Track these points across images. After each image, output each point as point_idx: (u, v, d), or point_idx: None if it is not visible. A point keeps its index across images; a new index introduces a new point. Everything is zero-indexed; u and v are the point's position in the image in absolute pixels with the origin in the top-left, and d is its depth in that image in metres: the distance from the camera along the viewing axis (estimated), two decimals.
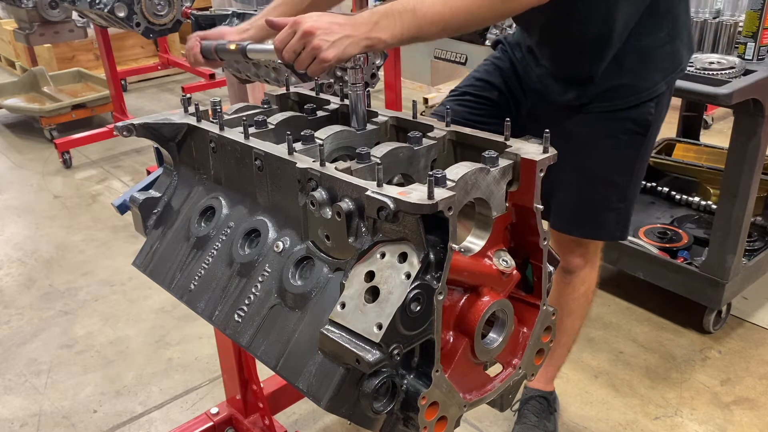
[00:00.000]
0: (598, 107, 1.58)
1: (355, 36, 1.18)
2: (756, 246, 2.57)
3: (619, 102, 1.57)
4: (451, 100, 1.72)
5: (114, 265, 3.11)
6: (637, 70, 1.54)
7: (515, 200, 1.08)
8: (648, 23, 1.52)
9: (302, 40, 1.18)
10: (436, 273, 0.93)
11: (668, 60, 1.58)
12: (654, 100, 1.57)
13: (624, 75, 1.55)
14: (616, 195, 1.66)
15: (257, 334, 1.13)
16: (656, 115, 1.60)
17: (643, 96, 1.56)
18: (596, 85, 1.56)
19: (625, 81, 1.55)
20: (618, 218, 1.69)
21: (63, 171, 4.21)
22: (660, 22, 1.54)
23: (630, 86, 1.55)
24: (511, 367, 1.16)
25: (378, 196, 0.92)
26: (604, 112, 1.58)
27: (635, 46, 1.53)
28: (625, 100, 1.56)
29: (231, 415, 1.95)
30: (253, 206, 1.23)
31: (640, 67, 1.54)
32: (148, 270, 1.38)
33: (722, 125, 4.43)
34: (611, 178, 1.64)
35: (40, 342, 2.60)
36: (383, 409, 0.98)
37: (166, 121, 1.33)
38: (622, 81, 1.55)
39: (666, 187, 3.08)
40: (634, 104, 1.56)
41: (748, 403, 2.19)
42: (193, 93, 5.23)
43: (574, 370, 2.34)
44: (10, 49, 5.89)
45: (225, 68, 2.77)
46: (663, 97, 1.60)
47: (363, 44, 1.20)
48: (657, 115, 1.60)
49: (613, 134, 1.59)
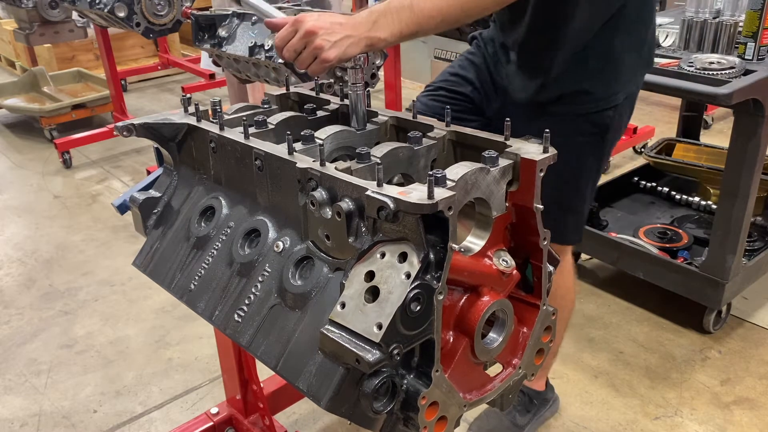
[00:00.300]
0: (559, 110, 1.56)
1: (356, 36, 1.19)
2: (756, 246, 2.57)
3: (578, 107, 1.55)
4: (426, 95, 1.71)
5: (114, 265, 3.11)
6: (599, 77, 1.53)
7: (515, 200, 1.08)
8: (615, 32, 1.50)
9: (304, 40, 1.19)
10: (436, 273, 0.93)
11: (630, 72, 1.57)
12: (612, 109, 1.56)
13: (585, 80, 1.53)
14: (577, 198, 1.65)
15: (257, 334, 1.13)
16: (615, 122, 1.58)
17: (602, 104, 1.55)
18: (558, 86, 1.54)
19: (586, 86, 1.53)
20: (576, 222, 1.69)
21: (63, 171, 4.21)
22: (630, 32, 1.52)
23: (590, 93, 1.54)
24: (511, 367, 1.16)
25: (378, 195, 0.92)
26: (563, 115, 1.56)
27: (601, 52, 1.51)
28: (584, 106, 1.55)
29: (231, 415, 1.95)
30: (253, 206, 1.23)
31: (602, 74, 1.53)
32: (148, 270, 1.38)
33: (722, 125, 4.43)
34: (571, 180, 1.62)
35: (40, 342, 2.60)
36: (383, 409, 0.98)
37: (166, 121, 1.33)
38: (583, 86, 1.53)
39: (666, 187, 3.08)
40: (593, 111, 1.55)
41: (748, 403, 2.19)
42: (193, 93, 5.23)
43: (574, 370, 2.34)
44: (10, 49, 5.89)
45: (225, 68, 2.77)
46: (622, 107, 1.59)
47: (363, 44, 1.21)
48: (616, 122, 1.59)
49: (571, 135, 1.56)
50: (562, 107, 1.56)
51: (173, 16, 3.20)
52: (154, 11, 3.15)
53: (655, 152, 3.20)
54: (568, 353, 2.41)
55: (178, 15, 3.22)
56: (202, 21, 2.61)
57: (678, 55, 2.39)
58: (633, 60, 1.56)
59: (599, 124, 1.57)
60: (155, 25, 3.19)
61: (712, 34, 2.37)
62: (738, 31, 2.32)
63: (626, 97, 1.59)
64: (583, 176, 1.63)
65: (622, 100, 1.57)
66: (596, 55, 1.51)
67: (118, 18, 3.12)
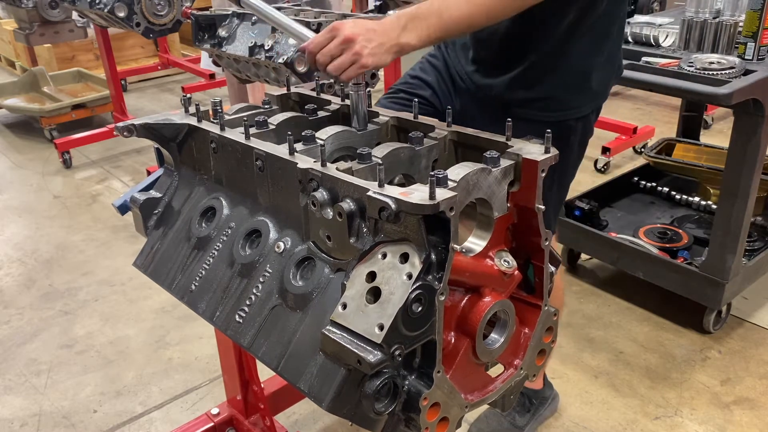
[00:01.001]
0: (526, 114, 1.54)
1: (387, 42, 1.22)
2: (756, 246, 2.57)
3: (546, 114, 1.54)
4: (386, 98, 1.71)
5: (114, 265, 3.11)
6: (571, 86, 1.52)
7: (517, 200, 1.08)
8: (590, 42, 1.50)
9: (342, 46, 1.21)
10: (438, 273, 0.93)
11: (601, 85, 1.57)
12: (580, 120, 1.56)
13: (558, 88, 1.52)
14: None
15: (258, 335, 1.13)
16: (579, 130, 1.58)
17: (570, 114, 1.54)
18: (529, 90, 1.53)
19: (557, 93, 1.52)
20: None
21: (63, 171, 4.21)
22: (600, 45, 1.52)
23: (560, 100, 1.53)
24: (513, 368, 1.16)
25: (379, 196, 0.92)
26: (530, 120, 1.52)
27: (576, 63, 1.50)
28: (552, 113, 1.54)
29: (232, 416, 1.95)
30: (254, 207, 1.23)
31: (574, 83, 1.52)
32: (149, 270, 1.38)
33: (722, 125, 4.43)
34: None
35: (40, 342, 2.60)
36: (385, 410, 0.98)
37: (166, 122, 1.33)
38: (555, 93, 1.52)
39: (666, 187, 3.08)
40: (561, 119, 1.54)
41: (748, 403, 2.19)
42: (193, 93, 5.23)
43: (574, 370, 2.34)
44: (10, 49, 5.89)
45: (225, 68, 2.76)
46: (586, 120, 1.58)
47: (394, 50, 1.24)
48: (581, 130, 1.58)
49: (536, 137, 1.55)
50: (530, 111, 1.54)
51: (173, 16, 3.20)
52: (154, 11, 3.15)
53: (655, 152, 3.20)
54: (568, 353, 2.41)
55: (178, 15, 3.22)
56: (202, 21, 2.60)
57: (678, 55, 2.39)
58: (606, 72, 1.57)
59: (564, 133, 1.55)
60: (155, 25, 3.19)
61: (712, 34, 2.36)
62: (738, 31, 2.32)
63: (593, 111, 1.59)
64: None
65: (588, 113, 1.57)
66: (570, 65, 1.50)
67: (118, 18, 3.11)
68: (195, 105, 1.35)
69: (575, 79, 1.52)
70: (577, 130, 1.57)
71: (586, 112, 1.57)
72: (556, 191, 1.63)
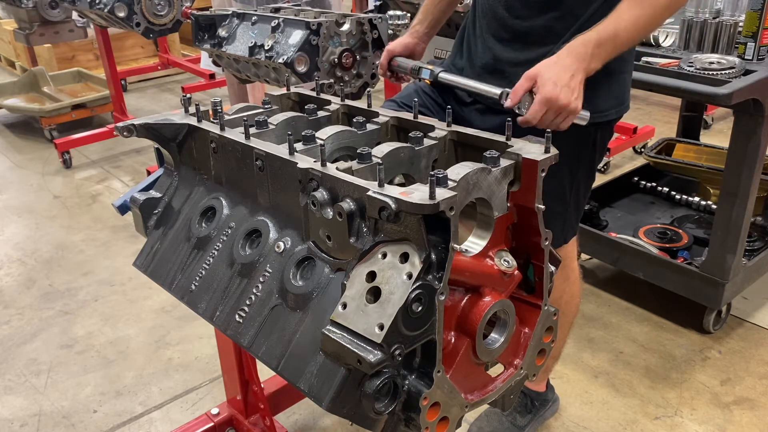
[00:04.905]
0: None
1: (579, 73, 1.33)
2: (756, 246, 2.57)
3: None
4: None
5: (114, 265, 3.11)
6: (598, 89, 1.52)
7: (517, 200, 1.08)
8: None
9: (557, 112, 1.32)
10: (438, 273, 0.93)
11: (624, 91, 1.61)
12: (602, 125, 1.58)
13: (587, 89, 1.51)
14: (556, 200, 1.61)
15: (258, 335, 1.13)
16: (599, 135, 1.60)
17: (594, 117, 1.53)
18: None
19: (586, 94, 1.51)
20: (563, 225, 1.67)
21: (63, 171, 4.21)
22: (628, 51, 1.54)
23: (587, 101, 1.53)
24: (513, 368, 1.16)
25: (379, 196, 0.92)
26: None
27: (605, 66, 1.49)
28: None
29: (232, 416, 1.95)
30: (253, 207, 1.23)
31: (602, 86, 1.53)
32: (149, 270, 1.38)
33: (722, 125, 4.43)
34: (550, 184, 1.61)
35: (40, 342, 2.60)
36: (385, 410, 0.98)
37: (166, 122, 1.33)
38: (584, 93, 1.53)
39: (666, 187, 3.08)
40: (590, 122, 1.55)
41: (748, 403, 2.19)
42: (193, 93, 5.23)
43: (574, 370, 2.34)
44: (10, 49, 5.89)
45: (225, 68, 2.76)
46: (608, 126, 1.62)
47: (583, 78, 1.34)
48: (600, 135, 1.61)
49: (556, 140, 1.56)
50: None
51: (173, 16, 3.21)
52: (154, 11, 3.15)
53: (655, 152, 3.20)
54: (568, 353, 2.41)
55: (178, 15, 3.22)
56: (202, 21, 2.61)
57: (678, 55, 2.39)
58: (624, 81, 1.60)
59: (584, 137, 1.57)
60: (155, 25, 3.19)
61: (712, 34, 2.37)
62: (738, 31, 2.32)
63: (611, 120, 1.60)
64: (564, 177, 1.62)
65: (608, 120, 1.59)
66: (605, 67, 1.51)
67: (118, 18, 3.12)
68: (195, 105, 1.35)
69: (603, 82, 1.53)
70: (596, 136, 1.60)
71: (608, 118, 1.59)
72: (583, 191, 1.68)
